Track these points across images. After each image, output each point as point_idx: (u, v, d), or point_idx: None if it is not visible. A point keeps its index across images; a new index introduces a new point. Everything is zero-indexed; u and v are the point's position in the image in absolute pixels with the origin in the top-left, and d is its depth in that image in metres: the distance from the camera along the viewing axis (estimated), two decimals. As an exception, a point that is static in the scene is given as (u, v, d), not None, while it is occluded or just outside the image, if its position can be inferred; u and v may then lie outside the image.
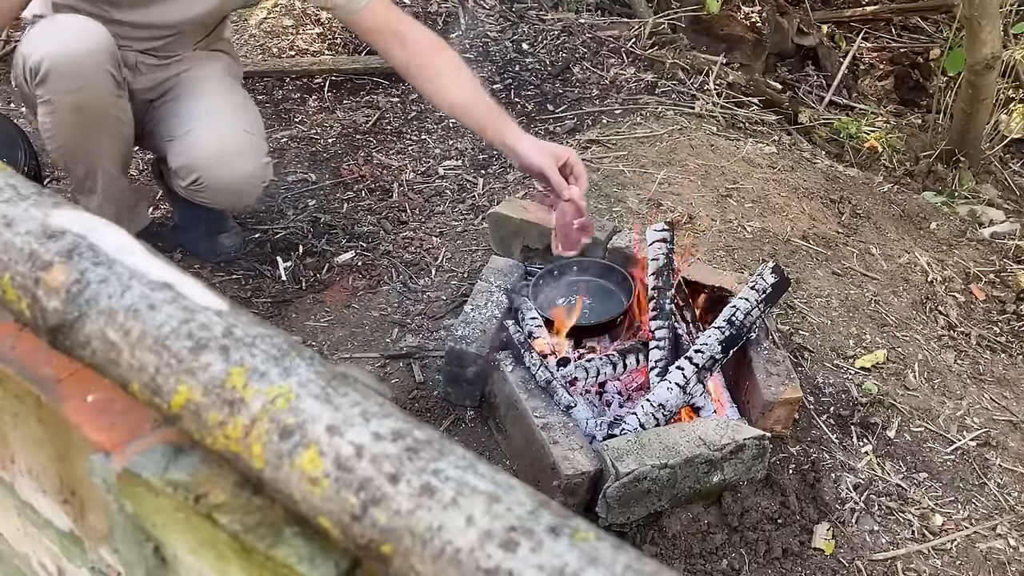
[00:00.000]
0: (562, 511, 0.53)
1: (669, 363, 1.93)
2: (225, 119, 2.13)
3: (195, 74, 2.20)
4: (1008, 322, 2.64)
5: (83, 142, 2.01)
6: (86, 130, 1.99)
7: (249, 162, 2.12)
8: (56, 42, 1.88)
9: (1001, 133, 3.55)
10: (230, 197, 2.19)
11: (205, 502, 0.65)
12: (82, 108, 1.93)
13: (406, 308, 2.36)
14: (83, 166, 2.07)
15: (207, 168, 2.08)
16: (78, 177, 2.11)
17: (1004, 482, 2.09)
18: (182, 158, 2.10)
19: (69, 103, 1.92)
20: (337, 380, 0.61)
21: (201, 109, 2.13)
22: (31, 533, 0.90)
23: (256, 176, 2.15)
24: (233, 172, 2.10)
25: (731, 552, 1.78)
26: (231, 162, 2.09)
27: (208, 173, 2.08)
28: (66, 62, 1.87)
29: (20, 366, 0.78)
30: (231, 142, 2.10)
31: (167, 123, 2.16)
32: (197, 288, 0.67)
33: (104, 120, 2.00)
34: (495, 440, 2.00)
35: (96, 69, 1.90)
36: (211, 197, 2.16)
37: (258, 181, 2.16)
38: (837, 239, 2.79)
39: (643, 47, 3.84)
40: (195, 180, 2.09)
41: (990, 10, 3.04)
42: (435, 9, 4.00)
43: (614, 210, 2.69)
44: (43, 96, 1.92)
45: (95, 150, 2.04)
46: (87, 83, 1.90)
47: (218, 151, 2.08)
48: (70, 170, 2.10)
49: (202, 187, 2.11)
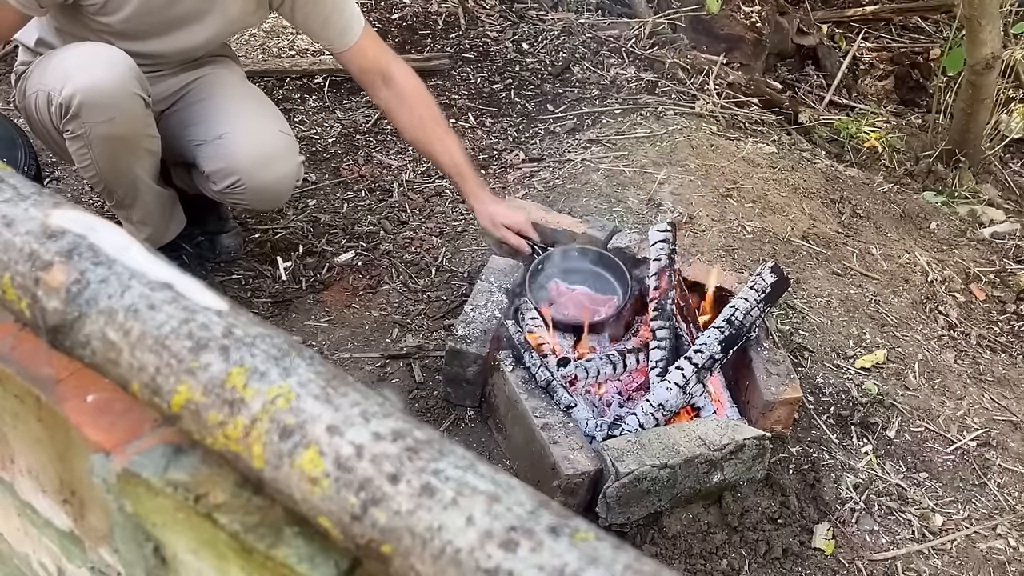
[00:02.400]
0: (562, 511, 0.53)
1: (669, 363, 1.93)
2: (260, 121, 2.13)
3: (212, 80, 2.19)
4: (1008, 322, 2.64)
5: (120, 167, 2.00)
6: (123, 156, 1.98)
7: (287, 163, 2.14)
8: (84, 75, 1.84)
9: (1001, 133, 3.55)
10: (268, 197, 2.20)
11: (205, 502, 0.65)
12: (118, 137, 1.92)
13: (406, 308, 2.36)
14: (122, 188, 2.06)
15: (247, 171, 2.07)
16: (119, 197, 2.09)
17: (1004, 482, 2.09)
18: (219, 162, 2.08)
19: (104, 134, 1.89)
20: (337, 380, 0.61)
21: (232, 111, 2.12)
22: (31, 533, 0.90)
23: (293, 176, 2.17)
24: (273, 174, 2.11)
25: (731, 552, 1.78)
26: (270, 164, 2.09)
27: (248, 176, 2.08)
28: (99, 95, 1.84)
29: (20, 366, 0.78)
30: (270, 144, 2.10)
31: (193, 127, 2.14)
32: (197, 288, 0.67)
33: (138, 143, 1.99)
34: (495, 440, 2.00)
35: (129, 98, 1.88)
36: (249, 199, 2.16)
37: (294, 181, 2.19)
38: (837, 239, 2.79)
39: (643, 47, 3.84)
40: (234, 183, 2.08)
41: (990, 10, 3.04)
42: (435, 9, 4.00)
43: (614, 210, 2.69)
44: (75, 131, 1.89)
45: (132, 171, 2.03)
46: (120, 113, 1.88)
47: (258, 154, 2.07)
48: (110, 192, 2.08)
49: (242, 189, 2.10)
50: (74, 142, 1.92)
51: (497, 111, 3.39)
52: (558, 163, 3.01)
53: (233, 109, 2.13)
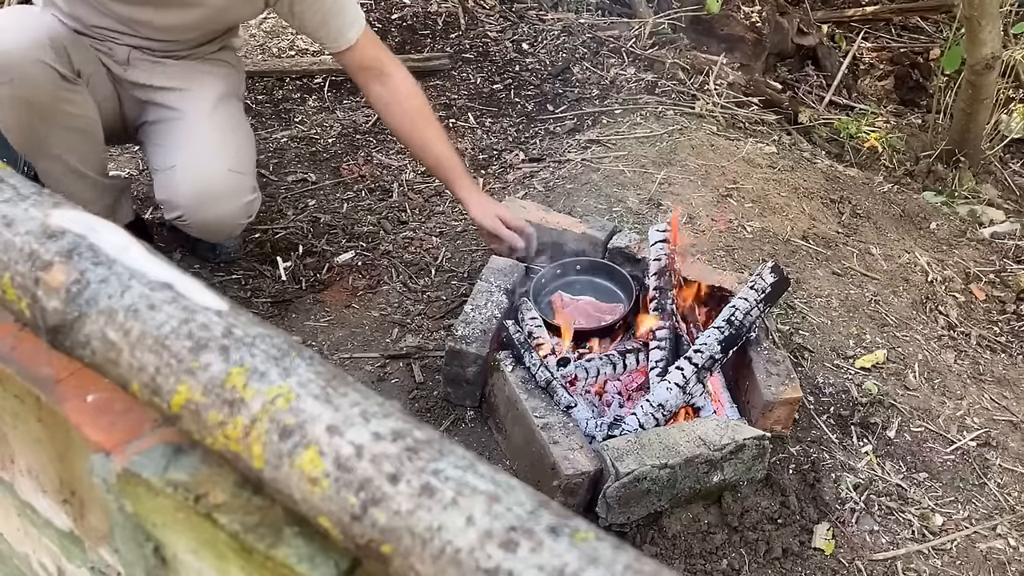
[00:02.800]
0: (562, 511, 0.53)
1: (669, 363, 1.93)
2: (210, 157, 2.08)
3: (190, 95, 2.15)
4: (1008, 322, 2.64)
5: (33, 136, 1.98)
6: (30, 125, 1.95)
7: (232, 203, 2.10)
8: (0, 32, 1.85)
9: (1001, 133, 3.55)
10: (213, 233, 2.22)
11: (205, 502, 0.65)
12: (22, 101, 1.90)
13: (406, 308, 2.36)
14: (43, 160, 2.03)
15: (188, 208, 2.07)
16: (41, 168, 2.06)
17: (1004, 482, 2.09)
18: (166, 193, 2.08)
19: (7, 95, 1.88)
20: (337, 380, 0.61)
21: (187, 143, 2.09)
22: (31, 533, 0.90)
23: (239, 215, 2.14)
24: (215, 213, 2.09)
25: (731, 552, 1.78)
26: (213, 204, 2.07)
27: (190, 213, 2.07)
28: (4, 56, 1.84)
29: (20, 366, 0.78)
30: (214, 183, 2.07)
31: (153, 150, 2.14)
32: (197, 288, 0.67)
33: (49, 114, 1.95)
34: (495, 440, 2.00)
35: (30, 63, 1.86)
36: (195, 232, 2.19)
37: (242, 218, 2.16)
38: (837, 239, 2.79)
39: (643, 47, 3.84)
40: (178, 217, 2.09)
41: (990, 10, 3.04)
42: (435, 9, 4.00)
43: (614, 210, 2.69)
44: None
45: (50, 144, 2.00)
46: (19, 76, 1.86)
47: (200, 192, 2.05)
48: (32, 161, 2.06)
49: (186, 223, 2.11)
50: None
51: (497, 111, 3.39)
52: (558, 163, 3.01)
53: (189, 139, 2.10)
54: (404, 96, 2.17)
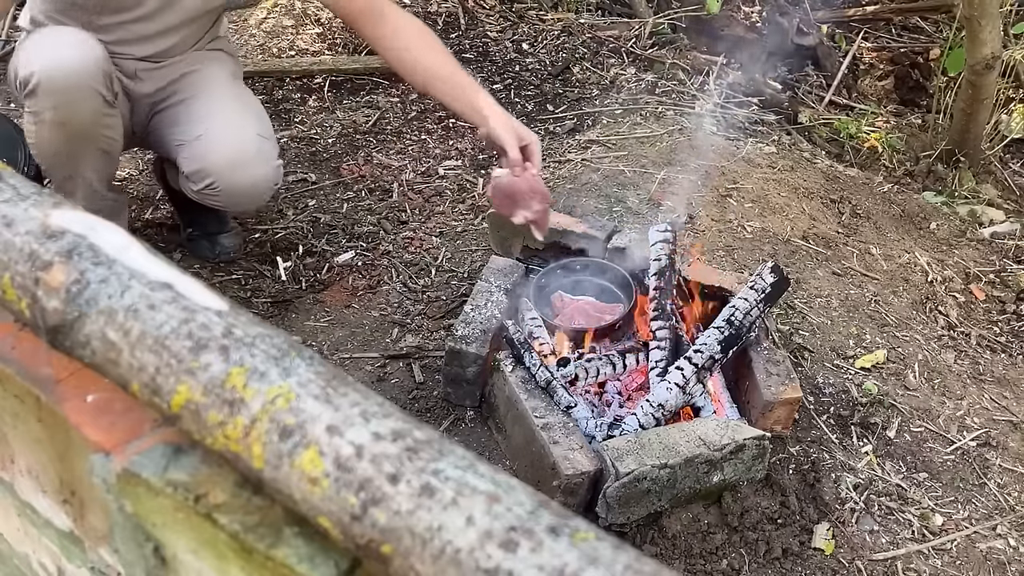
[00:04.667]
0: (562, 511, 0.53)
1: (669, 363, 1.93)
2: (238, 123, 2.11)
3: (201, 76, 2.17)
4: (1008, 322, 2.64)
5: (65, 156, 2.00)
6: (68, 146, 1.98)
7: (263, 167, 2.11)
8: (47, 58, 1.86)
9: (1001, 133, 3.55)
10: (243, 201, 2.19)
11: (205, 502, 0.65)
12: (65, 125, 1.92)
13: (406, 308, 2.36)
14: (63, 173, 2.06)
15: (221, 174, 2.06)
16: (58, 180, 2.08)
17: (1004, 482, 2.09)
18: (195, 163, 2.08)
19: (53, 119, 1.90)
20: (337, 380, 0.61)
21: (212, 113, 2.10)
22: (31, 533, 0.90)
23: (269, 180, 2.14)
24: (248, 177, 2.10)
25: (731, 552, 1.78)
26: (245, 167, 2.08)
27: (222, 179, 2.07)
28: (53, 81, 1.85)
29: (20, 366, 0.78)
30: (246, 147, 2.08)
31: (176, 127, 2.14)
32: (197, 288, 0.67)
33: (88, 138, 1.98)
34: (495, 440, 2.00)
35: (84, 90, 1.88)
36: (224, 201, 2.15)
37: (271, 184, 2.16)
38: (837, 239, 2.79)
39: (643, 47, 3.85)
40: (209, 185, 2.08)
41: (990, 10, 3.04)
42: (435, 9, 4.00)
43: (614, 210, 2.69)
44: (29, 107, 1.92)
45: (78, 163, 2.02)
46: (72, 102, 1.88)
47: (232, 157, 2.06)
48: (51, 175, 2.09)
49: (216, 191, 2.09)
50: (28, 117, 1.94)
51: (497, 111, 3.38)
52: (558, 163, 3.01)
53: (213, 109, 2.11)
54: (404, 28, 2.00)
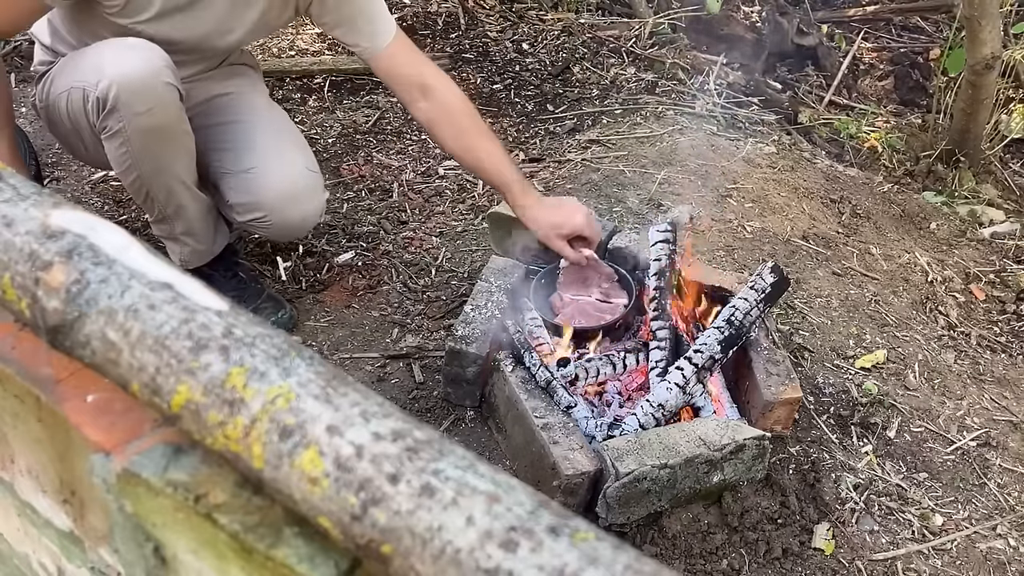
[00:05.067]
0: (562, 511, 0.53)
1: (669, 363, 1.93)
2: (289, 158, 2.11)
3: (241, 100, 2.15)
4: (1008, 322, 2.64)
5: (160, 165, 1.94)
6: (161, 151, 1.92)
7: (313, 202, 2.14)
8: (119, 66, 1.80)
9: (1001, 133, 3.55)
10: (291, 233, 2.24)
11: (205, 502, 0.65)
12: (155, 130, 1.87)
13: (406, 308, 2.36)
14: (164, 190, 2.00)
15: (274, 209, 2.07)
16: (160, 204, 2.03)
17: (1004, 482, 2.09)
18: (246, 196, 2.07)
19: (142, 127, 1.85)
20: (337, 380, 0.61)
21: (262, 144, 2.09)
22: (31, 533, 0.90)
23: (318, 213, 2.18)
24: (299, 212, 2.12)
25: (731, 552, 1.78)
26: (296, 203, 2.10)
27: (275, 214, 2.08)
28: (135, 85, 1.80)
29: (20, 366, 0.78)
30: (297, 183, 2.09)
31: (220, 153, 2.11)
32: (197, 288, 0.67)
33: (176, 138, 1.93)
34: (495, 440, 2.00)
35: (164, 87, 1.84)
36: (273, 233, 2.18)
37: (319, 217, 2.20)
38: (837, 239, 2.79)
39: (643, 47, 3.85)
40: (259, 218, 2.09)
41: (990, 10, 3.04)
42: (435, 9, 4.00)
43: (614, 210, 2.69)
44: (112, 127, 1.84)
45: (172, 171, 1.97)
46: (157, 102, 1.84)
47: (287, 193, 2.08)
48: (152, 198, 2.01)
49: (267, 224, 2.10)
50: (112, 140, 1.87)
51: (497, 111, 3.39)
52: (558, 163, 3.01)
53: (263, 141, 2.10)
54: (450, 110, 2.07)
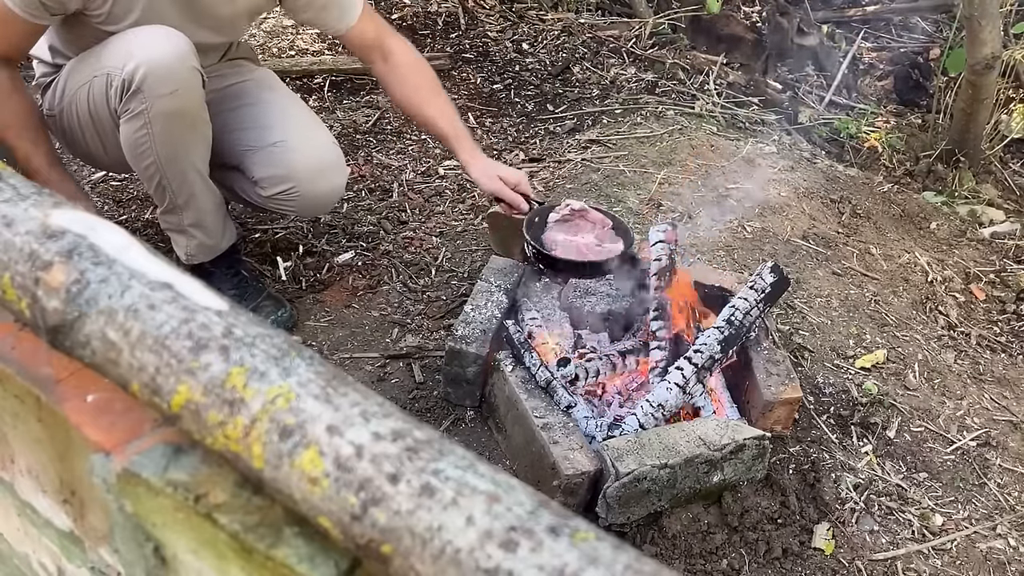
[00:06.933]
0: (562, 511, 0.53)
1: (669, 363, 1.93)
2: (315, 131, 2.17)
3: (256, 86, 2.20)
4: (1008, 322, 2.64)
5: (177, 151, 1.95)
6: (180, 136, 1.93)
7: (340, 174, 2.20)
8: (147, 49, 1.83)
9: (1001, 133, 3.55)
10: (317, 206, 2.26)
11: (205, 502, 0.65)
12: (177, 113, 1.89)
13: (406, 308, 2.36)
14: (178, 177, 2.00)
15: (302, 179, 2.11)
16: (172, 193, 2.03)
17: (1004, 482, 2.09)
18: (275, 168, 2.10)
19: (165, 109, 1.86)
20: (337, 380, 0.61)
21: (286, 119, 2.14)
22: (31, 533, 0.90)
23: (342, 187, 2.23)
24: (328, 184, 2.17)
25: (731, 552, 1.78)
26: (325, 174, 2.14)
27: (303, 184, 2.11)
28: (162, 67, 1.82)
29: (20, 366, 0.78)
30: (325, 155, 2.15)
31: (242, 132, 2.14)
32: (197, 288, 0.67)
33: (196, 124, 1.95)
34: (495, 440, 2.00)
35: (190, 71, 1.87)
36: (299, 206, 2.19)
37: (343, 189, 2.25)
38: (837, 239, 2.79)
39: (643, 47, 3.85)
40: (287, 190, 2.11)
41: (990, 10, 3.04)
42: (435, 9, 4.00)
43: (614, 210, 2.69)
44: (135, 109, 1.86)
45: (188, 158, 1.98)
46: (182, 85, 1.86)
47: (315, 163, 2.12)
48: (164, 186, 2.01)
49: (295, 196, 2.13)
50: (133, 122, 1.88)
51: (497, 111, 3.39)
52: (558, 163, 3.01)
53: (286, 116, 2.15)
54: (407, 69, 2.18)
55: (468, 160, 2.19)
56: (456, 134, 2.20)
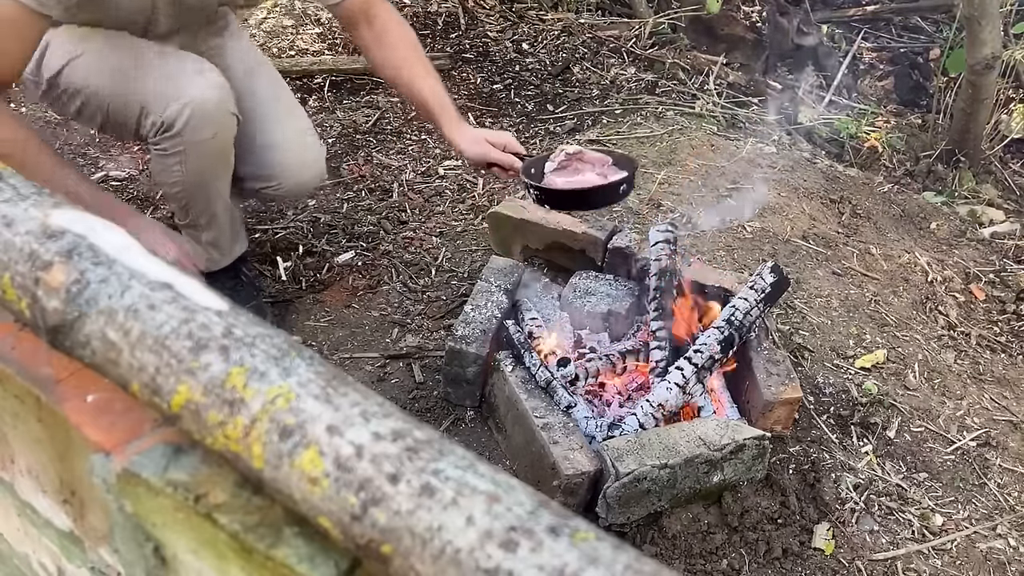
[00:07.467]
0: (562, 511, 0.53)
1: (669, 363, 1.93)
2: (295, 127, 2.19)
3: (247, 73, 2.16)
4: (1008, 322, 2.64)
5: (205, 180, 1.99)
6: (211, 170, 1.98)
7: (319, 163, 2.24)
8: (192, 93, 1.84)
9: (1001, 133, 3.55)
10: (301, 193, 2.32)
11: (205, 502, 0.65)
12: (214, 154, 1.93)
13: (406, 308, 2.36)
14: (203, 201, 2.04)
15: (290, 176, 2.16)
16: (194, 215, 2.07)
17: (1004, 482, 2.09)
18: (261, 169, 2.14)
19: (204, 152, 1.90)
20: (337, 380, 0.61)
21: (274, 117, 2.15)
22: (31, 533, 0.90)
23: (323, 171, 2.28)
24: (311, 173, 2.22)
25: (731, 552, 1.78)
26: (307, 167, 2.20)
27: (290, 181, 2.17)
28: (206, 113, 1.85)
29: (20, 366, 0.78)
30: (306, 150, 2.19)
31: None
32: (197, 288, 0.67)
33: (227, 158, 2.00)
34: (495, 440, 2.00)
35: (229, 116, 1.90)
36: (283, 194, 2.23)
37: (324, 174, 2.30)
38: (837, 239, 2.79)
39: (643, 47, 3.85)
40: (271, 186, 2.16)
41: (990, 10, 3.04)
42: (435, 9, 4.00)
43: (614, 210, 2.69)
44: (170, 148, 1.88)
45: (215, 186, 2.03)
46: (221, 130, 1.90)
47: (299, 162, 2.17)
48: (188, 208, 2.05)
49: (278, 188, 2.18)
50: (166, 159, 1.91)
51: (497, 111, 3.39)
52: (558, 163, 3.00)
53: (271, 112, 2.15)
54: (390, 36, 2.13)
55: (452, 132, 2.10)
56: (440, 104, 2.11)
